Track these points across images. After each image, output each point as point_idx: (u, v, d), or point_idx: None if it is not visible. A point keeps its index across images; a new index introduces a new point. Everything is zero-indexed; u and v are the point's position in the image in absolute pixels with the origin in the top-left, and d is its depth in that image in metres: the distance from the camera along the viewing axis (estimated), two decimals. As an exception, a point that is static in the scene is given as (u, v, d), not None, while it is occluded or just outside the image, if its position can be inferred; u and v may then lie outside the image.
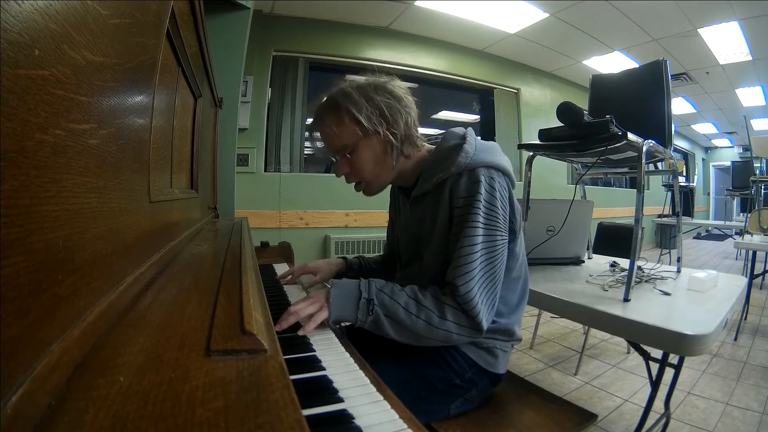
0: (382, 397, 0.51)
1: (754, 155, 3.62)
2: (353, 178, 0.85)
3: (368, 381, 0.55)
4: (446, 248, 0.80)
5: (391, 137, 0.79)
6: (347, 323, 0.76)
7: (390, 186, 1.01)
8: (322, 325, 0.73)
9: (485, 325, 0.74)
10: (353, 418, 0.45)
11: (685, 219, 5.53)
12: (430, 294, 0.75)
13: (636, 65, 1.82)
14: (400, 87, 0.82)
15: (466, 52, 3.93)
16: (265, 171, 3.06)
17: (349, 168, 0.83)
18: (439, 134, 0.90)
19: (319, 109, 0.82)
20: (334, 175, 0.88)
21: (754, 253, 2.69)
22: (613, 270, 1.45)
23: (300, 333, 0.68)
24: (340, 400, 0.49)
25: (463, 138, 0.82)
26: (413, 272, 0.92)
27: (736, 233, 5.01)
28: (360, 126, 0.78)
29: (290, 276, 1.09)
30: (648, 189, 5.50)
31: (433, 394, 0.81)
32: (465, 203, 0.76)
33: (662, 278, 1.33)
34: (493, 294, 0.75)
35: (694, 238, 7.43)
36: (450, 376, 0.82)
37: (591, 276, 1.36)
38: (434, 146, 0.87)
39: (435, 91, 3.98)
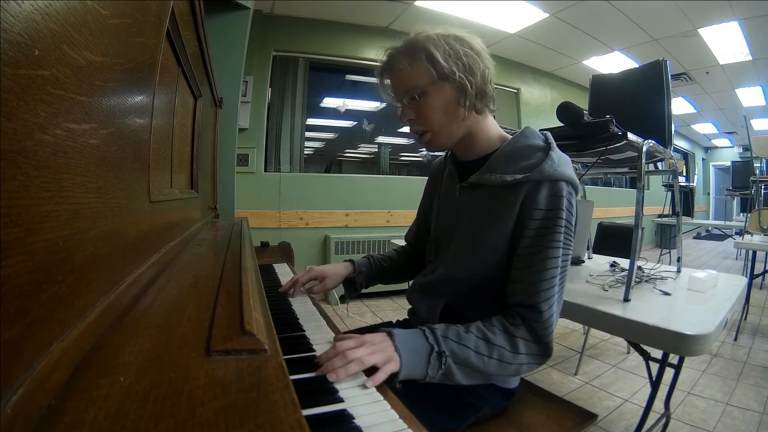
0: (382, 397, 0.51)
1: (754, 155, 3.62)
2: (419, 127, 0.78)
3: (368, 381, 0.55)
4: (494, 253, 0.75)
5: (467, 83, 0.72)
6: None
7: (431, 169, 0.98)
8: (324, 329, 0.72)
9: (552, 346, 0.71)
10: (353, 418, 0.45)
11: (685, 219, 5.52)
12: (498, 328, 0.69)
13: (636, 65, 1.82)
14: (480, 43, 0.76)
15: (466, 52, 3.93)
16: (265, 171, 3.06)
17: (415, 114, 0.76)
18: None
19: (394, 50, 0.76)
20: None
21: (754, 253, 2.69)
22: (613, 270, 1.45)
23: (368, 385, 0.55)
24: (340, 400, 0.49)
25: (547, 142, 0.76)
26: (437, 265, 0.85)
27: (736, 233, 5.01)
28: (436, 66, 0.71)
29: (296, 284, 0.98)
30: (648, 189, 5.49)
31: (445, 413, 0.77)
32: (545, 217, 0.70)
33: (662, 278, 1.33)
34: (558, 315, 0.73)
35: (694, 238, 7.43)
36: (461, 392, 0.77)
37: (591, 276, 1.36)
38: (511, 136, 0.80)
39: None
